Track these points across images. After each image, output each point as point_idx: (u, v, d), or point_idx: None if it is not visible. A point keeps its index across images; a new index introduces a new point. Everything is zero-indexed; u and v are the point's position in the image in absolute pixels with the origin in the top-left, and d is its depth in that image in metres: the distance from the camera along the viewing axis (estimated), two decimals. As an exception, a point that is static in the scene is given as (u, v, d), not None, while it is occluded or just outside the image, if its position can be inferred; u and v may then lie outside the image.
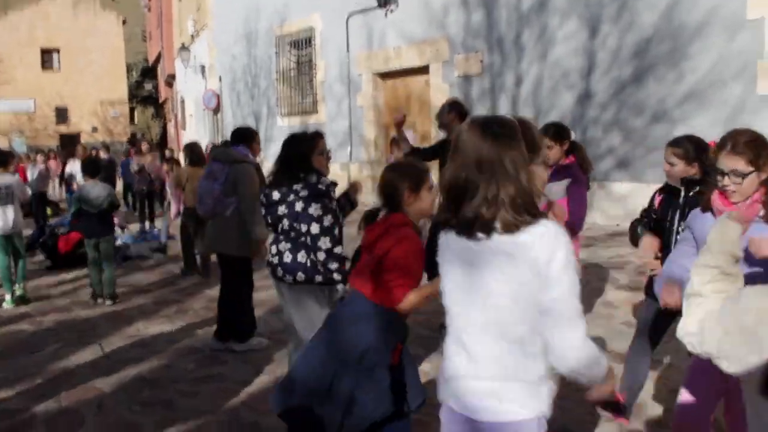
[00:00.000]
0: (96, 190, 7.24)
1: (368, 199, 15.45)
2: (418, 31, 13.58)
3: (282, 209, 3.71)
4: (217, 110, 22.24)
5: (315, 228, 3.64)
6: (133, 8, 47.28)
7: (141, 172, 12.07)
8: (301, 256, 3.69)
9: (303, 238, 3.69)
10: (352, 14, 15.10)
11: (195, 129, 27.79)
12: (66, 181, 13.99)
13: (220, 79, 21.70)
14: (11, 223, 7.31)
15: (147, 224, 12.30)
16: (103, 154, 15.56)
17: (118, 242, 9.85)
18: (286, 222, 3.71)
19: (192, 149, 8.72)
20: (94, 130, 40.42)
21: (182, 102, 31.18)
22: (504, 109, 12.13)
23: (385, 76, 14.85)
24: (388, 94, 15.00)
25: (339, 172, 15.93)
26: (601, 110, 10.81)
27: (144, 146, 12.71)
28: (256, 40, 19.05)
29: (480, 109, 12.50)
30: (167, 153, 16.74)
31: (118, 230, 10.54)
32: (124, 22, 41.57)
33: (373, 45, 14.74)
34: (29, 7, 39.03)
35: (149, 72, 46.18)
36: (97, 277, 7.37)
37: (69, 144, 35.43)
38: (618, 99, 10.59)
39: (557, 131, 4.59)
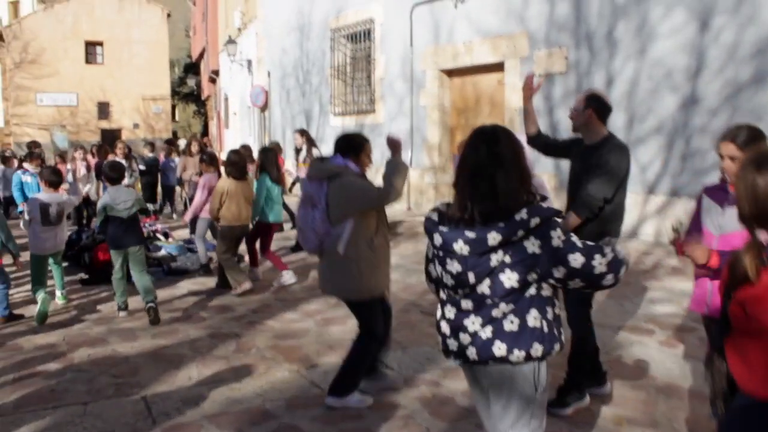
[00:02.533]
0: (122, 194, 6.40)
1: (429, 208, 13.99)
2: (493, 24, 12.27)
3: (491, 261, 2.36)
4: (264, 107, 21.13)
5: (578, 259, 2.35)
6: (177, 3, 46.68)
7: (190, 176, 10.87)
8: (534, 320, 2.41)
9: (540, 291, 2.43)
10: (417, 5, 13.85)
11: (239, 127, 26.81)
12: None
13: (269, 75, 20.60)
14: (58, 241, 6.87)
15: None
16: (147, 152, 14.45)
17: (162, 252, 8.69)
18: (512, 276, 2.36)
19: (234, 160, 7.52)
20: (136, 126, 39.71)
21: (226, 99, 30.25)
22: (591, 112, 10.77)
23: (453, 73, 13.57)
24: (455, 93, 13.71)
25: (397, 177, 14.72)
26: (710, 117, 9.38)
27: (194, 147, 11.44)
28: (308, 33, 17.90)
29: (562, 112, 11.15)
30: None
31: (161, 238, 9.41)
32: (168, 16, 40.84)
33: (440, 39, 13.46)
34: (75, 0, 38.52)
35: (192, 68, 45.45)
36: (122, 291, 6.57)
37: (111, 140, 34.87)
38: (732, 104, 9.15)
39: (752, 137, 3.21)
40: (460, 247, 2.38)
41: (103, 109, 39.44)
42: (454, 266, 2.42)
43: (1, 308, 6.40)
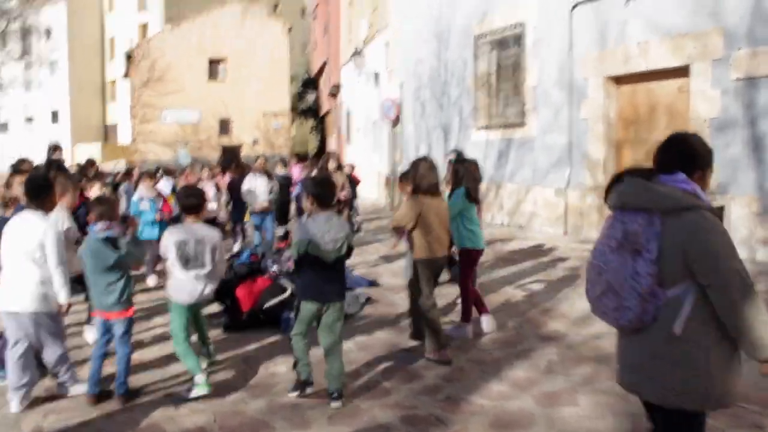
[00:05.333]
0: (333, 225, 4.72)
1: (592, 234, 12.41)
2: (676, 21, 10.52)
3: None
4: (396, 122, 19.99)
5: None
6: (294, 20, 46.66)
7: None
8: None
9: None
10: (579, 4, 12.29)
11: (363, 143, 25.87)
12: (239, 200, 11.56)
13: (401, 87, 19.45)
14: (202, 290, 5.05)
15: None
16: (279, 169, 13.39)
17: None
18: None
19: (430, 169, 5.71)
20: (255, 142, 39.72)
21: (348, 114, 29.46)
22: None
23: (621, 80, 11.88)
24: (624, 103, 12.01)
25: (553, 199, 13.16)
26: None
27: (331, 164, 10.14)
28: (447, 41, 16.60)
29: (769, 123, 9.33)
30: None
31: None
32: (289, 30, 40.76)
33: (607, 42, 11.81)
34: (200, 18, 39.02)
35: (310, 83, 45.30)
36: (307, 362, 4.89)
37: (231, 156, 34.75)
38: None
39: None
40: None
41: (224, 126, 39.69)
42: None
43: (90, 383, 4.91)
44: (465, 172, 6.34)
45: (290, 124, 43.45)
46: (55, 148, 12.04)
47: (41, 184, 5.00)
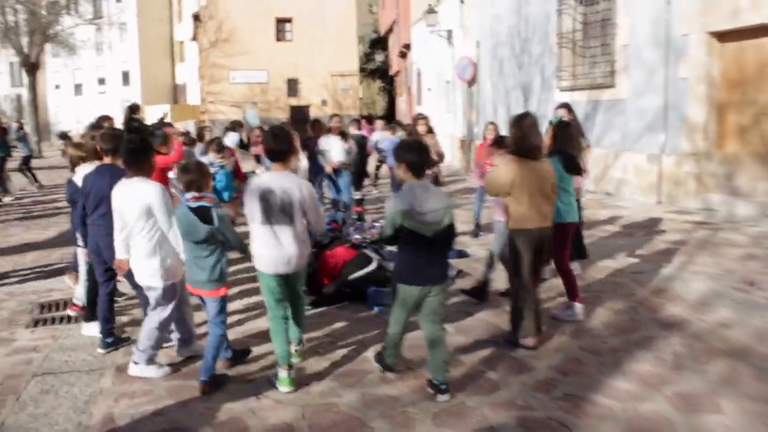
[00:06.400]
0: (431, 196, 4.09)
1: (689, 204, 11.66)
2: (796, -30, 9.50)
3: None
4: (472, 82, 19.17)
5: None
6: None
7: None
8: None
9: None
10: (681, -47, 11.27)
11: (435, 104, 25.12)
12: (315, 159, 10.93)
13: (478, 45, 18.59)
14: (292, 255, 4.32)
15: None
16: (353, 129, 12.74)
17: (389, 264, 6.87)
18: None
19: (532, 128, 4.92)
20: (324, 103, 39.28)
21: (419, 74, 28.68)
22: None
23: (726, 36, 10.87)
24: (728, 61, 11.00)
25: (645, 166, 12.31)
26: None
27: (421, 127, 9.40)
28: (530, -4, 15.70)
29: None
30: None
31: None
32: (356, -10, 39.92)
33: (712, -7, 10.81)
34: (266, -24, 38.52)
35: (378, 43, 44.50)
36: (398, 353, 4.47)
37: (300, 117, 34.41)
38: None
39: None
40: None
41: (292, 86, 39.33)
42: None
43: (221, 349, 4.70)
44: (565, 137, 5.63)
45: (358, 85, 42.82)
46: (134, 108, 11.88)
47: (139, 147, 4.74)
